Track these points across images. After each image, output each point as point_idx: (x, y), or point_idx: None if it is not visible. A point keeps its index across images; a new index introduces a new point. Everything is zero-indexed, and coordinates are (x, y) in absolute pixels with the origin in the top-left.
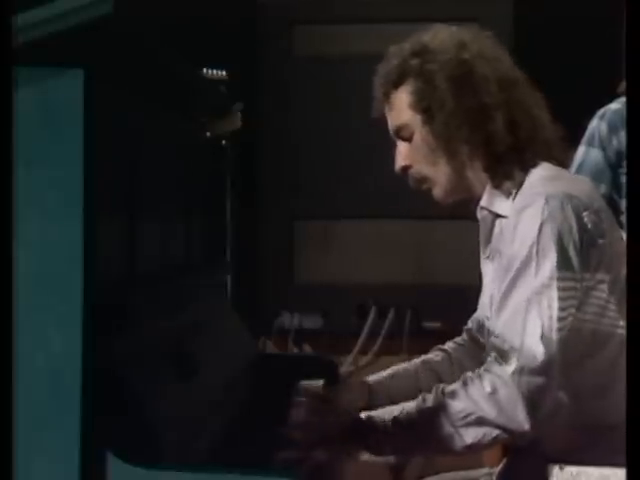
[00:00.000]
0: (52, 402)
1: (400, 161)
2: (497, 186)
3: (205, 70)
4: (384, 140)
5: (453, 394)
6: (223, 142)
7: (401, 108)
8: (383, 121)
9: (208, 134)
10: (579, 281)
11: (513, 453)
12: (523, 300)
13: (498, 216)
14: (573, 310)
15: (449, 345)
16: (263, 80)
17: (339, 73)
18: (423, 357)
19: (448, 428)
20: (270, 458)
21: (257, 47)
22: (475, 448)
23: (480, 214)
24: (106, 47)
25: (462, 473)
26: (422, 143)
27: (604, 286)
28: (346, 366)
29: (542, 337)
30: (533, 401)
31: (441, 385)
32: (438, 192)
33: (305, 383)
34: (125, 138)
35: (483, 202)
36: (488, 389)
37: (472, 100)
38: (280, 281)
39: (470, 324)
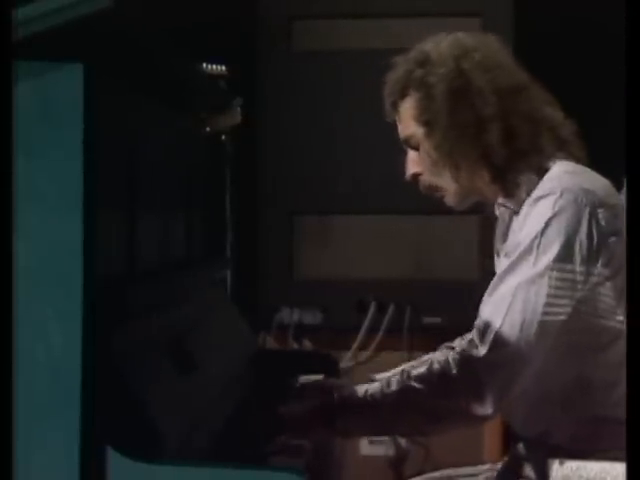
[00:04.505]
0: (52, 397)
1: (410, 169)
2: (509, 196)
3: (205, 65)
4: (383, 135)
5: (418, 378)
6: (222, 137)
7: (407, 119)
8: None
9: (207, 129)
10: (583, 275)
11: (515, 449)
12: (514, 285)
13: (516, 213)
14: (568, 308)
15: (457, 342)
16: (262, 75)
17: (338, 69)
18: (431, 355)
19: (412, 411)
20: (269, 453)
21: (256, 42)
22: (439, 431)
23: (498, 210)
24: (106, 41)
25: (463, 469)
26: (426, 155)
27: (615, 283)
28: (346, 361)
29: (522, 324)
30: (499, 386)
31: (407, 368)
32: (450, 200)
33: (305, 378)
34: (124, 133)
35: (500, 199)
36: (454, 372)
37: (468, 113)
38: (280, 276)
39: None
